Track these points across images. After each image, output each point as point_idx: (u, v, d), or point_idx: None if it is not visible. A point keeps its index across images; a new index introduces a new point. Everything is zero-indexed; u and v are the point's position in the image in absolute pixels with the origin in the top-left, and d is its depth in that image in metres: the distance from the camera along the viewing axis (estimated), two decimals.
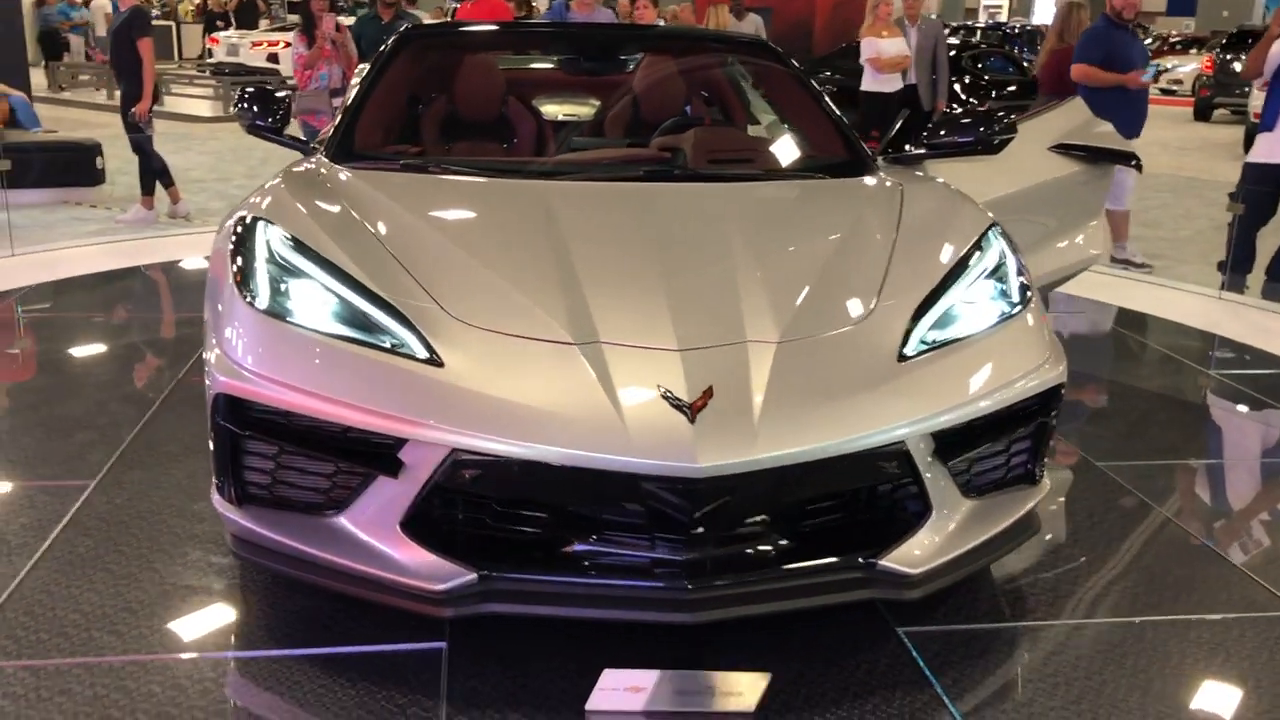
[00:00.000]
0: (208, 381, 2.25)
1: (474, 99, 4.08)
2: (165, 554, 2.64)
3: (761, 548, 2.12)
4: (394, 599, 2.09)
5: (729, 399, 2.04)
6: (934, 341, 2.32)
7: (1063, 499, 3.16)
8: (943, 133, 3.45)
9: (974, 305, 2.46)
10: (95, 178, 7.65)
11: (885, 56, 8.35)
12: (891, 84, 8.51)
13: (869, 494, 2.24)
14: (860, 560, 2.15)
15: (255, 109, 3.36)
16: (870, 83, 8.55)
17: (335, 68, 6.59)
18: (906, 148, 3.57)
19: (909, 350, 2.27)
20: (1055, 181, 4.25)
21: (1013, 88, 10.69)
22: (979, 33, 18.27)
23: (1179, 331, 5.28)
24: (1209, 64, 17.37)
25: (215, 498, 2.31)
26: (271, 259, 2.38)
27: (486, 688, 2.12)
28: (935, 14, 10.70)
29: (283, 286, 2.32)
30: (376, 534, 2.11)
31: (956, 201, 2.96)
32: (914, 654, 2.28)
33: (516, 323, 2.20)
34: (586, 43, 4.26)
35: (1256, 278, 6.00)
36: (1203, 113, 17.26)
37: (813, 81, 3.84)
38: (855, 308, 2.35)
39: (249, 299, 2.31)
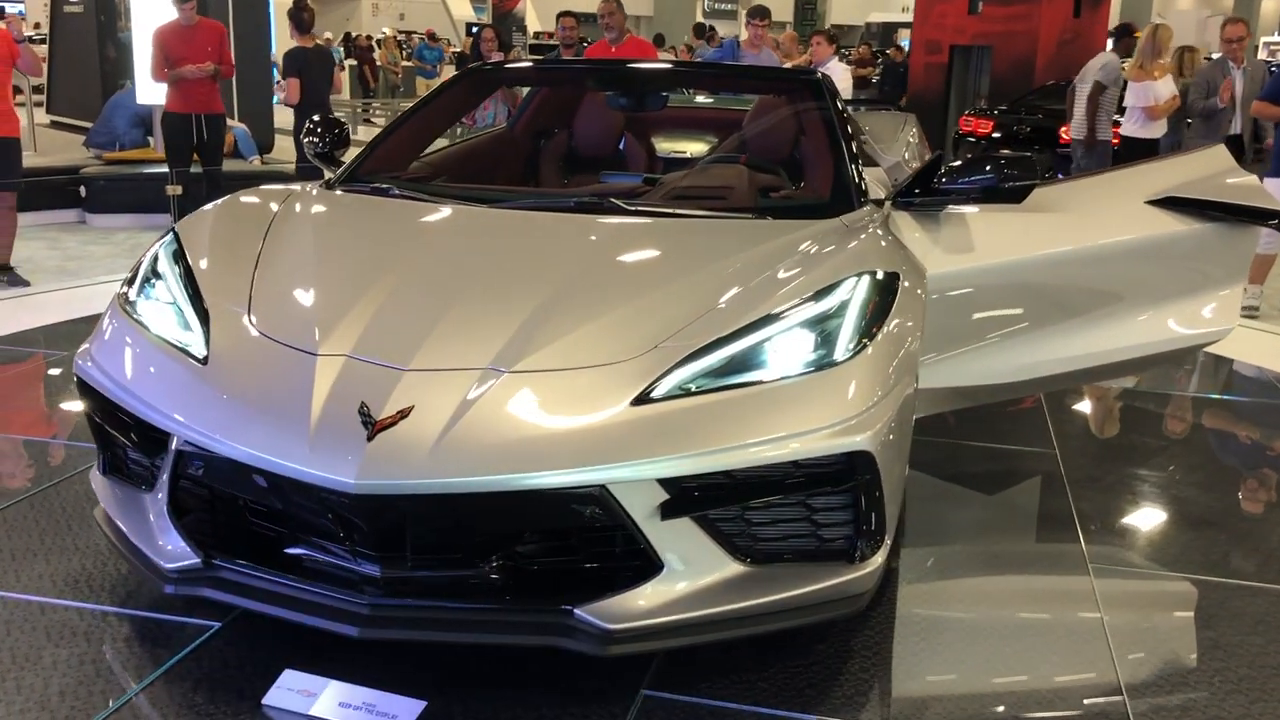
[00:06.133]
0: None
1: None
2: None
3: (461, 576, 2.09)
4: (145, 571, 2.28)
5: (424, 422, 2.04)
6: (699, 387, 2.16)
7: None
8: (958, 177, 3.16)
9: (778, 353, 2.25)
10: None
11: (1163, 102, 7.52)
12: (1159, 129, 7.66)
13: (589, 539, 2.12)
14: (559, 606, 2.05)
15: (315, 139, 3.71)
16: (1135, 128, 7.72)
17: (501, 105, 7.04)
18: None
19: (659, 393, 2.13)
20: (1174, 237, 3.64)
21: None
22: None
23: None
24: None
25: (93, 470, 2.63)
26: (152, 263, 2.69)
27: (211, 666, 2.26)
28: (1216, 52, 9.47)
29: (145, 288, 2.61)
30: (155, 513, 2.32)
31: (855, 246, 2.70)
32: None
33: (289, 331, 2.33)
34: (627, 80, 4.31)
35: None
36: None
37: (847, 119, 3.62)
38: (629, 346, 2.24)
39: (121, 294, 2.63)
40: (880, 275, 2.50)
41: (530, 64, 5.07)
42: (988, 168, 3.16)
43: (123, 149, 8.52)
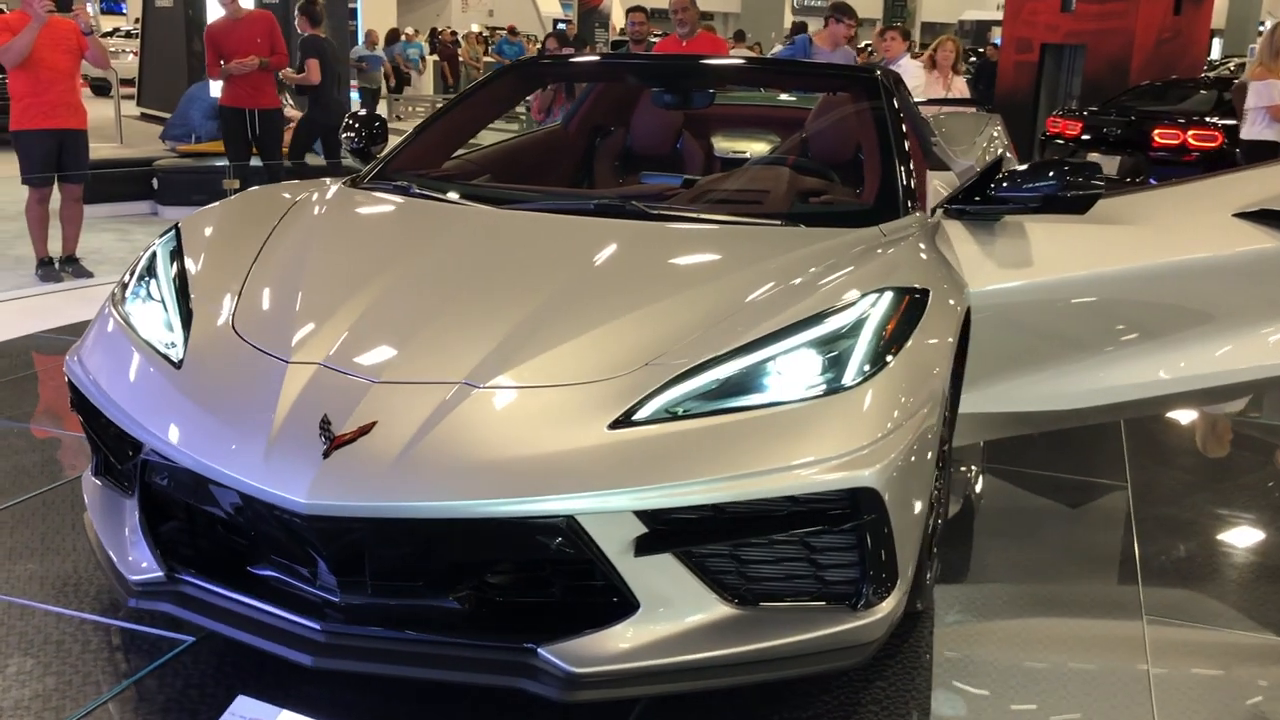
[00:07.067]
0: None
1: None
2: None
3: (423, 606, 1.95)
4: (112, 581, 2.20)
5: (385, 439, 1.90)
6: (686, 411, 1.97)
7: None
8: (1017, 183, 2.91)
9: (780, 376, 2.05)
10: None
11: None
12: None
13: (560, 572, 1.95)
14: (522, 645, 1.89)
15: (352, 134, 3.62)
16: (1258, 130, 7.20)
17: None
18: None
19: (641, 416, 1.95)
20: (1268, 254, 3.29)
21: None
22: None
23: None
24: None
25: (85, 472, 2.57)
26: (149, 261, 2.61)
27: (173, 684, 2.16)
28: None
29: (139, 286, 2.54)
30: (130, 522, 2.24)
31: (885, 257, 2.48)
32: None
33: (267, 335, 2.22)
34: (671, 76, 4.11)
35: None
36: None
37: (903, 119, 3.37)
38: (617, 363, 2.06)
39: (116, 291, 2.56)
40: (906, 291, 2.27)
41: (573, 59, 4.93)
42: (1050, 174, 2.89)
43: (198, 141, 8.65)
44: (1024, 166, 2.98)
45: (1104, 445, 3.94)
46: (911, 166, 3.11)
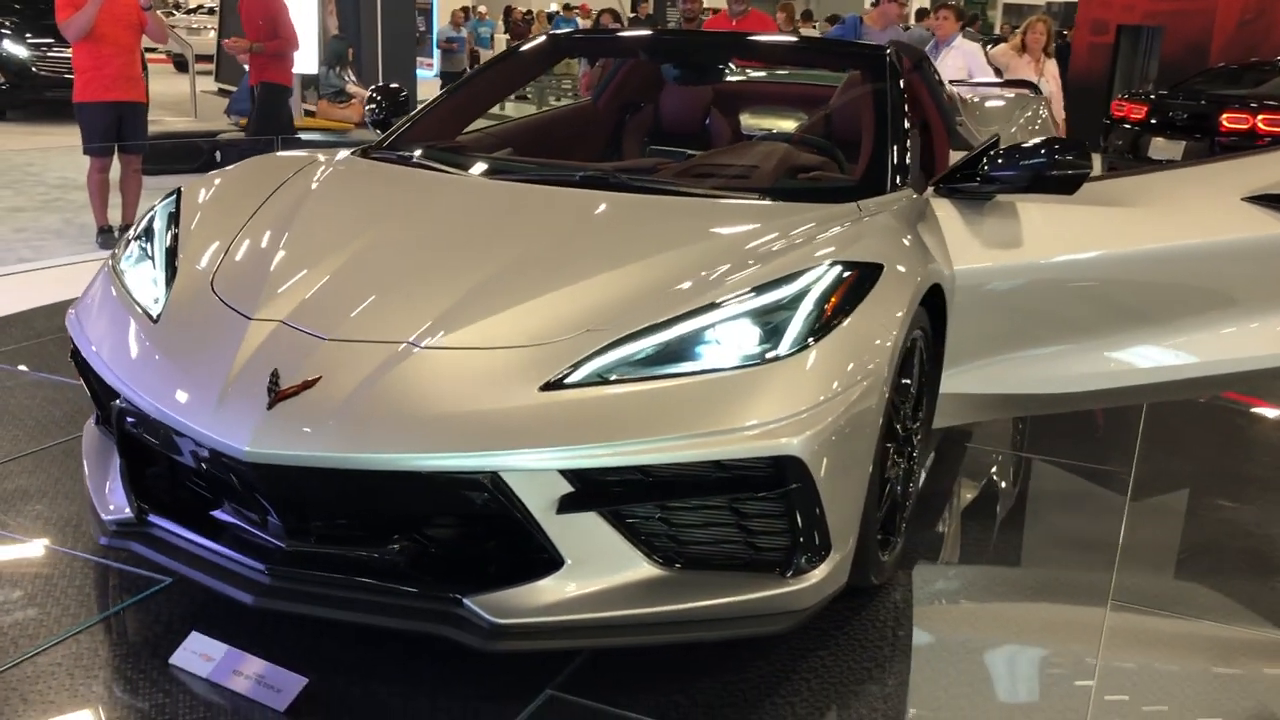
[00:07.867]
0: None
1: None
2: None
3: (361, 554, 2.05)
4: (91, 520, 2.35)
5: (326, 394, 2.00)
6: (620, 376, 2.02)
7: None
8: (1004, 162, 2.88)
9: (716, 344, 2.09)
10: None
11: None
12: None
13: (491, 527, 2.03)
14: (449, 595, 1.97)
15: (374, 106, 3.73)
16: None
17: None
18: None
19: (573, 379, 2.01)
20: (1277, 239, 3.22)
21: None
22: None
23: None
24: None
25: (88, 421, 2.73)
26: (148, 222, 2.76)
27: (143, 621, 2.31)
28: None
29: (135, 247, 2.68)
30: (112, 467, 2.39)
31: (845, 231, 2.49)
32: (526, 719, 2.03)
33: (238, 294, 2.34)
34: (687, 51, 4.14)
35: None
36: None
37: (907, 97, 3.35)
38: (558, 328, 2.12)
39: (115, 252, 2.71)
40: (855, 265, 2.28)
41: (595, 34, 4.97)
42: (1041, 152, 2.86)
43: None
44: (1019, 144, 2.95)
45: (1118, 433, 3.87)
46: (908, 144, 3.10)
